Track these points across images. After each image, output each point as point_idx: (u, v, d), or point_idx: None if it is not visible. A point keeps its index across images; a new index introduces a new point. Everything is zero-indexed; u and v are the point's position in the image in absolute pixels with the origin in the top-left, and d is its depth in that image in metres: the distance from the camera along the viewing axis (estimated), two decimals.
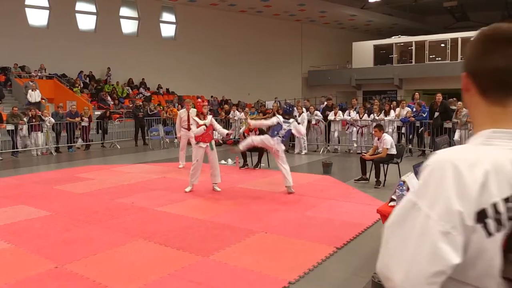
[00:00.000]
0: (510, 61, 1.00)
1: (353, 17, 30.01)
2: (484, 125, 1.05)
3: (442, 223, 0.92)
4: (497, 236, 0.93)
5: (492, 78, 1.03)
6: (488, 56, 1.03)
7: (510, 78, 1.01)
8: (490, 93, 1.04)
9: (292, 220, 5.62)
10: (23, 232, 5.22)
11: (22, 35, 20.14)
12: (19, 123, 12.85)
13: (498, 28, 1.05)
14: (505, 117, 1.03)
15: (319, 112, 13.46)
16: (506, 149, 0.99)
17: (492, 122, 1.04)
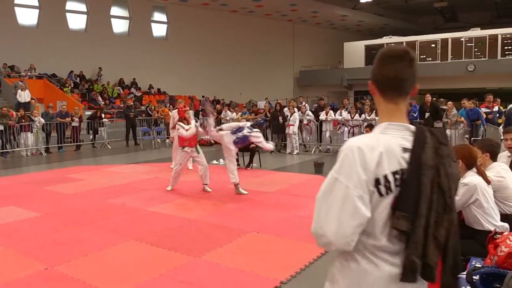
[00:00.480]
0: (397, 71, 1.43)
1: (344, 17, 30.14)
2: (383, 118, 1.49)
3: (357, 190, 1.35)
4: (387, 198, 1.38)
5: (386, 83, 1.46)
6: (383, 68, 1.46)
7: (398, 83, 1.45)
8: (387, 94, 1.47)
9: (284, 220, 5.63)
10: (13, 234, 5.16)
11: (11, 34, 19.92)
12: (8, 123, 12.71)
13: (390, 48, 1.49)
14: (397, 112, 1.47)
15: (310, 112, 13.49)
16: (396, 137, 1.42)
17: (388, 117, 1.47)
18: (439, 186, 1.40)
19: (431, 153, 1.41)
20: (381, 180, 1.37)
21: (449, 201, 1.42)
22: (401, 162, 1.39)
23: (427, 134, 1.44)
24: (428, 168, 1.39)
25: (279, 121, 12.73)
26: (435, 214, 1.39)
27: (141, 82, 23.56)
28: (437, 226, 1.40)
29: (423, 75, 25.93)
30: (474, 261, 2.82)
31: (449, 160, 1.43)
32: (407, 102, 1.50)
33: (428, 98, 11.68)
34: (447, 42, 26.42)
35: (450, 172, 1.42)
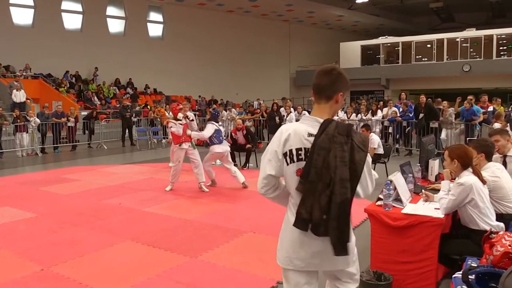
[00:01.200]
0: (317, 80, 2.08)
1: (340, 18, 30.18)
2: (311, 113, 2.13)
3: (268, 155, 2.07)
4: (291, 166, 2.02)
5: (314, 89, 2.10)
6: (315, 79, 2.10)
7: (318, 89, 2.08)
8: (315, 96, 2.11)
9: (281, 220, 5.58)
10: (8, 234, 5.14)
11: (6, 34, 19.81)
12: (3, 124, 12.65)
13: (323, 67, 2.12)
14: (316, 109, 2.10)
15: (307, 112, 13.50)
16: (307, 125, 2.04)
17: (313, 112, 2.12)
18: (328, 164, 1.92)
19: (326, 139, 1.94)
20: (287, 153, 2.02)
21: (333, 177, 1.91)
22: (305, 143, 2.00)
23: (330, 126, 1.97)
24: (321, 149, 1.94)
25: (276, 121, 12.74)
26: (321, 184, 1.93)
27: (137, 82, 23.50)
28: (321, 193, 1.93)
29: (418, 75, 26.16)
30: (470, 260, 2.83)
31: (341, 146, 1.93)
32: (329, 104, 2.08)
33: (422, 99, 11.72)
34: (442, 43, 26.50)
35: (340, 155, 1.92)
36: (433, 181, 4.24)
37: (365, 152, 1.97)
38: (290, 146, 2.01)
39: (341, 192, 1.91)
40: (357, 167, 1.94)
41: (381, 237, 3.41)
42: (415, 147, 11.72)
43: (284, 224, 2.19)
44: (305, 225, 1.99)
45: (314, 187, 1.94)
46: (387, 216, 3.31)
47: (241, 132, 9.89)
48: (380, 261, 3.40)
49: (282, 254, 2.17)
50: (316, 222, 1.95)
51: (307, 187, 1.96)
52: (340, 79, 2.08)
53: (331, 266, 2.11)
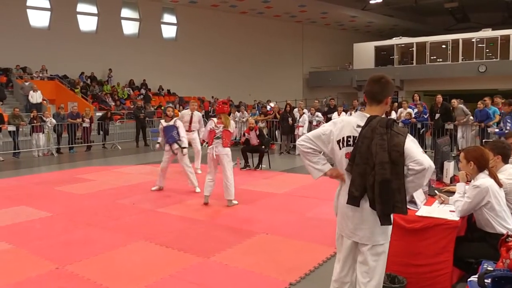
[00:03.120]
0: (369, 88, 2.55)
1: (354, 18, 30.02)
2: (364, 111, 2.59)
3: (323, 129, 2.64)
4: (342, 150, 2.54)
5: (366, 94, 2.58)
6: (367, 86, 2.57)
7: (370, 95, 2.56)
8: (367, 101, 2.58)
9: (293, 221, 5.61)
10: (24, 233, 5.22)
11: (23, 36, 20.16)
12: (20, 124, 12.86)
13: (373, 75, 2.57)
14: (368, 110, 2.58)
15: (319, 113, 13.44)
16: (356, 118, 2.56)
17: (365, 111, 2.58)
18: (370, 150, 2.38)
19: (369, 130, 2.42)
20: (341, 140, 2.54)
21: (377, 160, 2.36)
22: (353, 132, 2.50)
23: (374, 120, 2.44)
24: (365, 138, 2.42)
25: (289, 122, 12.72)
26: (366, 167, 2.40)
27: (151, 83, 23.68)
28: (367, 174, 2.40)
29: (433, 76, 25.86)
30: (485, 264, 2.79)
31: (381, 135, 2.38)
32: (379, 106, 2.54)
33: (439, 99, 11.57)
34: (458, 43, 26.17)
35: (379, 143, 2.37)
36: (448, 183, 4.19)
37: (404, 136, 2.38)
38: (343, 134, 2.53)
39: (380, 173, 2.35)
40: (397, 148, 2.35)
41: (395, 239, 3.36)
42: (430, 149, 11.59)
43: (340, 195, 2.67)
44: (356, 202, 2.47)
45: (360, 169, 2.42)
46: (401, 218, 3.27)
47: (254, 132, 9.90)
48: (394, 263, 3.37)
49: (337, 221, 2.72)
50: (356, 196, 2.45)
51: (354, 169, 2.44)
52: (388, 86, 2.54)
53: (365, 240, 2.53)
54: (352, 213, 2.54)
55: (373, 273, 2.55)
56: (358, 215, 2.52)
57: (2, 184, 8.43)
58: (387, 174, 2.33)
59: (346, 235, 2.63)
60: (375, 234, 2.51)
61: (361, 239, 2.55)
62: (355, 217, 2.53)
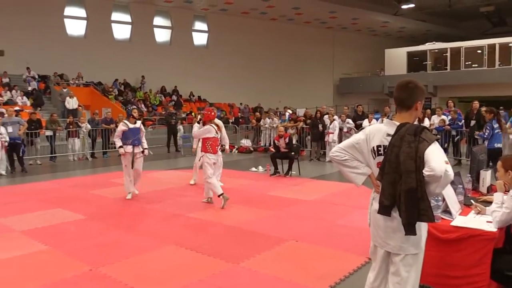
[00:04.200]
0: (397, 94, 2.54)
1: (385, 24, 29.63)
2: (394, 118, 2.58)
3: (355, 138, 2.66)
4: (376, 159, 2.55)
5: (395, 101, 2.58)
6: (394, 92, 2.57)
7: (398, 101, 2.56)
8: (396, 107, 2.58)
9: (323, 229, 5.56)
10: (59, 235, 5.38)
11: (61, 44, 20.91)
12: (57, 129, 13.29)
13: (400, 81, 2.55)
14: (398, 116, 2.55)
15: (350, 119, 13.30)
16: (386, 126, 2.54)
17: (395, 118, 2.56)
18: (399, 159, 2.37)
19: (398, 138, 2.41)
20: (371, 149, 2.56)
21: (403, 168, 2.35)
22: (383, 141, 2.51)
23: (403, 128, 2.43)
24: (394, 147, 2.42)
25: (319, 129, 12.63)
26: (396, 175, 2.38)
27: (182, 89, 24.05)
28: (396, 183, 2.39)
29: (468, 82, 25.15)
30: None
31: (408, 143, 2.36)
32: (409, 112, 2.53)
33: (475, 105, 11.21)
34: (494, 48, 25.35)
35: (407, 151, 2.36)
36: (484, 192, 4.05)
37: (429, 143, 2.35)
38: (372, 144, 2.55)
39: (407, 181, 2.34)
40: (419, 154, 2.33)
41: (429, 249, 3.27)
42: (465, 157, 11.26)
43: (371, 208, 2.66)
44: (387, 211, 2.45)
45: (390, 178, 2.41)
46: (435, 228, 3.18)
47: (284, 139, 9.89)
48: (428, 274, 3.27)
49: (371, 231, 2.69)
50: (387, 205, 2.44)
51: (384, 178, 2.44)
52: (416, 91, 2.50)
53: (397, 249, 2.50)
54: (383, 222, 2.52)
55: (406, 284, 2.49)
56: (389, 224, 2.49)
57: (39, 187, 8.72)
58: (413, 183, 2.32)
59: (378, 245, 2.60)
60: (407, 244, 2.47)
61: (393, 249, 2.52)
62: (386, 227, 2.51)
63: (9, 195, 7.98)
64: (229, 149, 8.07)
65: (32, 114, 13.54)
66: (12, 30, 19.55)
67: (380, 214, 2.49)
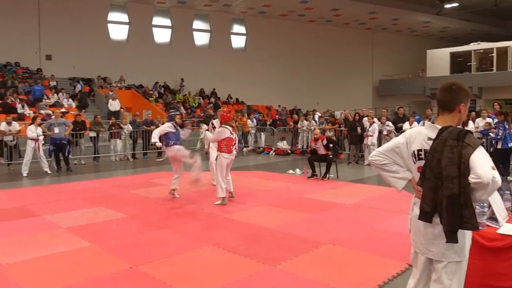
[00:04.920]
0: (440, 96, 2.48)
1: (427, 24, 28.82)
2: (435, 121, 2.54)
3: (395, 142, 2.63)
4: (416, 164, 2.50)
5: (438, 103, 2.51)
6: (437, 94, 2.50)
7: (441, 103, 2.49)
8: (439, 109, 2.51)
9: (361, 233, 5.46)
10: (102, 233, 5.55)
11: (104, 49, 21.68)
12: (100, 131, 13.75)
13: (444, 83, 2.48)
14: (440, 119, 2.50)
15: (390, 122, 13.01)
16: (427, 130, 2.49)
17: (436, 121, 2.52)
18: (441, 164, 2.30)
19: (440, 143, 2.34)
20: (411, 153, 2.51)
21: (445, 174, 2.28)
22: (424, 145, 2.45)
23: (445, 132, 2.35)
24: (435, 151, 2.35)
25: (357, 132, 12.44)
26: (437, 181, 2.32)
27: (220, 92, 24.32)
28: (437, 189, 2.32)
29: None
30: None
31: (451, 148, 2.28)
32: (452, 115, 2.46)
33: None
34: None
35: (449, 156, 2.28)
36: None
37: (473, 148, 2.26)
38: (413, 148, 2.51)
39: (448, 187, 2.27)
40: (464, 159, 2.25)
41: (474, 258, 3.15)
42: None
43: (411, 214, 2.60)
44: (428, 218, 2.40)
45: (431, 184, 2.36)
46: (481, 236, 3.06)
47: (321, 142, 9.80)
48: (472, 283, 3.15)
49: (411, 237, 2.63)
50: (427, 211, 2.38)
51: (425, 183, 2.39)
52: (460, 93, 2.44)
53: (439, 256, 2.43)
54: (424, 228, 2.46)
55: None
56: (431, 231, 2.43)
57: (83, 186, 9.05)
58: (455, 189, 2.24)
59: (419, 251, 2.54)
60: (450, 251, 2.40)
61: (435, 256, 2.45)
62: (427, 233, 2.45)
63: (55, 193, 8.32)
64: (265, 151, 8.02)
65: (77, 115, 14.09)
66: (59, 35, 20.46)
67: (421, 220, 2.43)
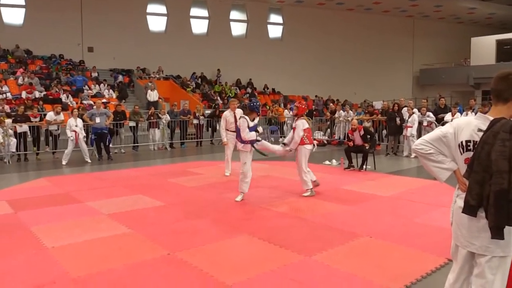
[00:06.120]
0: (494, 85, 2.37)
1: (472, 10, 27.62)
2: (488, 112, 2.42)
3: (442, 131, 2.50)
4: (463, 155, 2.42)
5: (492, 93, 2.39)
6: (492, 84, 2.39)
7: (495, 93, 2.38)
8: (493, 99, 2.41)
9: (399, 226, 5.35)
10: (141, 219, 5.70)
11: (143, 40, 22.12)
12: (139, 120, 14.09)
13: (500, 72, 2.37)
14: (493, 110, 2.39)
15: (431, 113, 12.62)
16: (478, 121, 2.40)
17: (490, 112, 2.40)
18: (490, 158, 2.20)
19: (491, 135, 2.24)
20: (459, 144, 2.43)
21: (494, 168, 2.18)
22: (474, 136, 2.36)
23: (498, 124, 2.25)
24: (485, 144, 2.25)
25: (396, 122, 12.15)
26: (485, 174, 2.23)
27: (256, 82, 24.33)
28: (485, 183, 2.23)
29: None
30: None
31: (503, 141, 2.18)
32: (506, 106, 2.34)
33: None
34: None
35: (500, 150, 2.18)
36: None
37: None
38: (461, 138, 2.42)
39: (498, 182, 2.18)
40: None
41: None
42: None
43: (455, 206, 2.53)
44: (473, 211, 2.32)
45: (478, 177, 2.27)
46: None
47: (358, 133, 9.64)
48: None
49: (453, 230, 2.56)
50: (473, 205, 2.30)
51: (472, 176, 2.31)
52: None
53: (483, 250, 2.36)
54: (468, 221, 2.39)
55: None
56: (475, 224, 2.36)
57: (123, 174, 9.31)
58: (504, 184, 2.16)
59: (461, 245, 2.47)
60: (494, 245, 2.32)
61: (478, 249, 2.37)
62: (471, 226, 2.38)
63: (97, 180, 8.61)
64: None
65: (117, 106, 14.49)
66: (99, 27, 21.03)
67: (465, 214, 2.37)
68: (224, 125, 8.82)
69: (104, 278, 3.83)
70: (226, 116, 8.81)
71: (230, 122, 8.71)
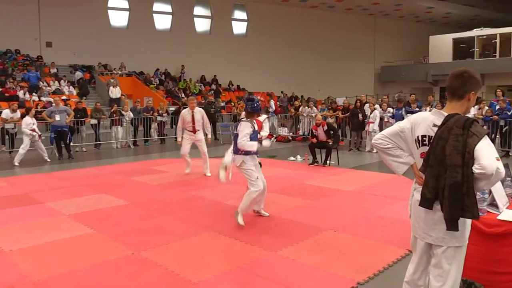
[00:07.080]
0: (449, 82, 2.46)
1: (430, 9, 28.56)
2: (444, 108, 2.48)
3: (400, 126, 2.61)
4: (419, 149, 2.50)
5: (447, 90, 2.49)
6: (447, 81, 2.47)
7: (450, 90, 2.46)
8: (448, 96, 2.49)
9: (362, 220, 5.48)
10: (104, 219, 5.58)
11: (104, 35, 21.56)
12: (101, 118, 13.75)
13: (455, 70, 2.45)
14: (448, 106, 2.46)
15: (391, 109, 12.98)
16: (432, 115, 2.48)
17: (445, 108, 2.47)
18: (445, 152, 2.29)
19: (445, 131, 2.32)
20: (415, 139, 2.50)
21: (449, 162, 2.27)
22: (429, 131, 2.43)
23: (452, 119, 2.32)
24: (440, 139, 2.33)
25: (359, 118, 12.42)
26: (440, 168, 2.31)
27: (221, 78, 24.23)
28: (440, 176, 2.32)
29: None
30: None
31: (456, 136, 2.26)
32: (460, 102, 2.42)
33: None
34: None
35: (454, 144, 2.26)
36: None
37: (478, 137, 2.24)
38: (417, 133, 2.49)
39: (452, 175, 2.26)
40: (469, 149, 2.23)
41: (474, 244, 3.17)
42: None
43: (412, 199, 2.61)
44: (429, 204, 2.41)
45: (434, 171, 2.35)
46: (481, 222, 3.07)
47: (322, 128, 9.79)
48: (472, 269, 3.18)
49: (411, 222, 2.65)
50: (429, 198, 2.39)
51: (428, 170, 2.38)
52: (471, 81, 2.41)
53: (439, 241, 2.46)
54: (425, 214, 2.48)
55: (447, 277, 2.44)
56: (431, 216, 2.45)
57: (85, 173, 9.07)
58: (458, 177, 2.24)
59: (419, 236, 2.57)
60: (450, 236, 2.42)
61: (435, 241, 2.47)
62: (428, 218, 2.47)
63: (57, 180, 8.36)
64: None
65: (78, 103, 14.07)
66: (59, 22, 20.33)
67: (422, 207, 2.45)
68: (181, 124, 8.39)
69: (66, 280, 3.73)
70: (184, 114, 8.36)
71: (187, 121, 8.32)
